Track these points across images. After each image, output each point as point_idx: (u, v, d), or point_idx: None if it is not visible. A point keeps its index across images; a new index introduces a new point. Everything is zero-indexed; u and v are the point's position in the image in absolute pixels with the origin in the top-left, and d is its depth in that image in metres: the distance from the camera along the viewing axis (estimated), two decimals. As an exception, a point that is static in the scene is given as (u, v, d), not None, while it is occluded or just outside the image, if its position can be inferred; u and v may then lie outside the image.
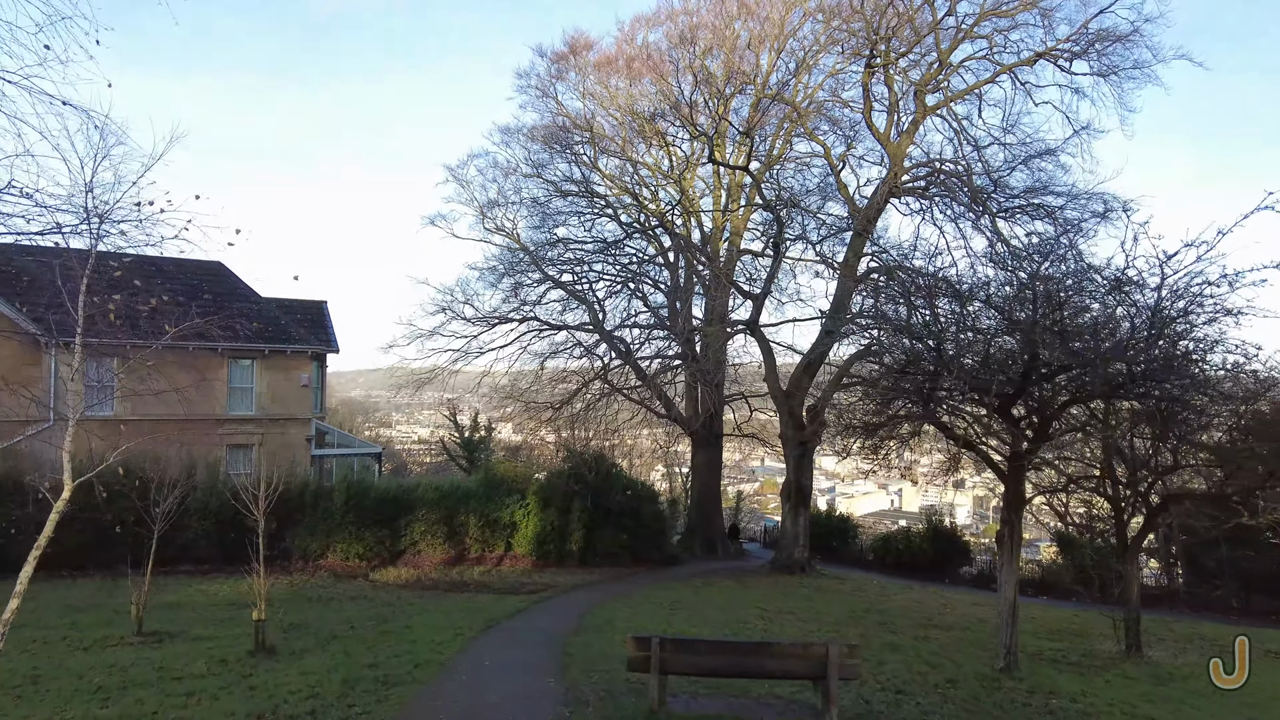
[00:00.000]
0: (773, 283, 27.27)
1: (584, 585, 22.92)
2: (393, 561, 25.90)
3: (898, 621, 18.56)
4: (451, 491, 27.42)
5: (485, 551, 27.56)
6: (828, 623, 17.40)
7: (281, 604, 18.22)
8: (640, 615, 16.50)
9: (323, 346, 31.52)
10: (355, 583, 22.76)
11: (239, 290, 30.76)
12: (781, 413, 27.79)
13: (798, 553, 28.26)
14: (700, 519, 33.93)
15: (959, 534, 32.91)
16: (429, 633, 14.12)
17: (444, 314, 29.73)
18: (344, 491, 25.74)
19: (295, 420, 29.74)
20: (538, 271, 31.02)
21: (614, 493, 28.70)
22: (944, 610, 21.39)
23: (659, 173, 29.79)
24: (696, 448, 34.43)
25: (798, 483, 27.76)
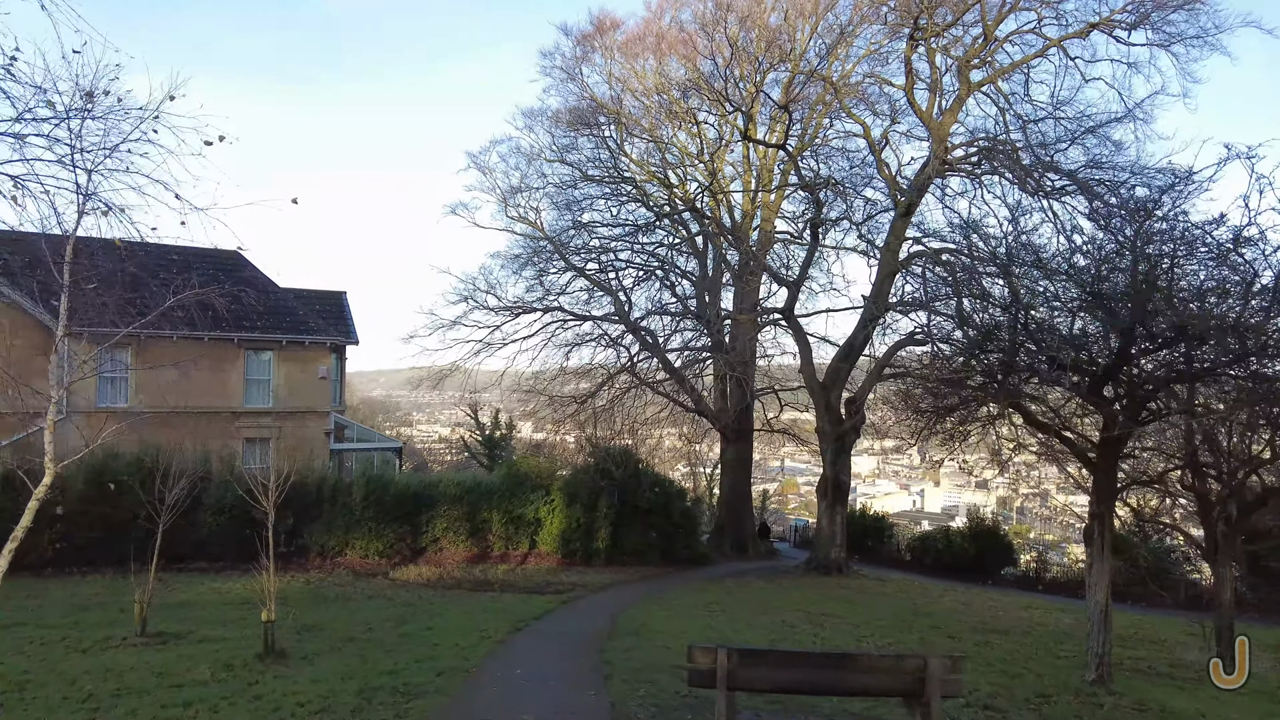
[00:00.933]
0: (809, 268, 25.98)
1: (612, 585, 21.80)
2: (413, 559, 24.93)
3: (951, 625, 17.29)
4: (474, 487, 26.41)
5: (509, 549, 26.52)
6: (877, 626, 16.16)
7: (296, 603, 17.26)
8: (677, 618, 15.35)
9: (342, 338, 30.65)
10: (374, 581, 21.79)
11: (256, 280, 29.90)
12: (818, 405, 26.52)
13: (834, 552, 26.99)
14: (730, 517, 32.72)
15: (1001, 532, 31.40)
16: (452, 636, 13.05)
17: (466, 303, 28.80)
18: (363, 486, 24.79)
19: (313, 413, 28.88)
20: (561, 260, 29.97)
21: (642, 489, 27.58)
22: (996, 613, 20.07)
23: (688, 155, 28.61)
24: (726, 443, 33.22)
25: (835, 479, 26.48)
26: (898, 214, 25.43)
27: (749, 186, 29.00)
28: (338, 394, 31.38)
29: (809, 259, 25.06)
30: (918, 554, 33.21)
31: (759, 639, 13.42)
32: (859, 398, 25.81)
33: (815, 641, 13.50)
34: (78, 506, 21.67)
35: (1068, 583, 28.37)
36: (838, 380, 26.59)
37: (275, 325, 28.43)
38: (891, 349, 25.73)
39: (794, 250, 31.07)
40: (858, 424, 26.08)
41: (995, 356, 11.14)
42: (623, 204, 30.08)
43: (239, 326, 27.82)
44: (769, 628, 14.81)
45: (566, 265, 30.07)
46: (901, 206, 25.20)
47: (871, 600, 21.09)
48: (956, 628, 17.05)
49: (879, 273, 25.80)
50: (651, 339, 30.15)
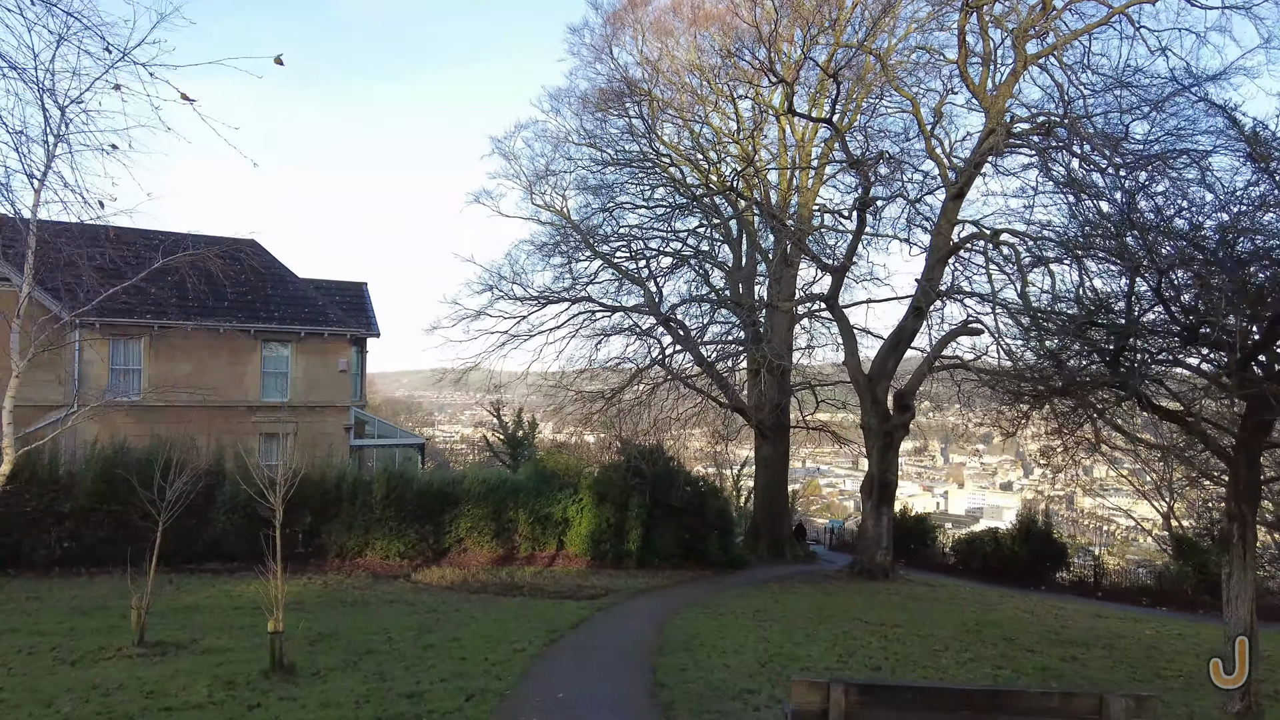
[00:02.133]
0: (854, 253, 24.39)
1: (648, 590, 20.39)
2: (436, 560, 23.69)
3: (1025, 637, 15.71)
4: (499, 485, 25.14)
5: (536, 550, 25.21)
6: (947, 638, 14.63)
7: (312, 608, 16.03)
8: (728, 628, 13.91)
9: (362, 330, 29.49)
10: (395, 584, 20.57)
11: (273, 270, 28.86)
12: (863, 400, 24.94)
13: (880, 556, 25.41)
14: (765, 518, 31.21)
15: (1055, 534, 29.63)
16: (481, 647, 11.71)
17: (490, 293, 27.50)
18: (384, 484, 23.59)
19: (332, 408, 27.74)
20: (588, 250, 28.59)
21: (675, 488, 26.16)
22: (1066, 623, 18.45)
23: (722, 136, 27.12)
24: (761, 440, 31.69)
25: (881, 478, 24.89)
26: (949, 195, 23.80)
27: (786, 165, 27.28)
28: (358, 388, 30.24)
29: (855, 242, 23.51)
30: (964, 557, 31.49)
31: (826, 654, 11.96)
32: (908, 391, 24.22)
33: (888, 657, 12.01)
34: (86, 504, 20.63)
35: (1128, 589, 26.60)
36: (884, 373, 24.99)
37: (293, 316, 27.32)
38: (944, 338, 24.15)
39: (832, 239, 29.50)
40: (907, 419, 24.48)
41: (1110, 331, 9.60)
42: (653, 189, 28.66)
43: (255, 317, 26.74)
44: (831, 640, 13.34)
45: (594, 254, 28.69)
46: (954, 187, 23.57)
47: (928, 608, 19.52)
48: (1032, 639, 15.48)
49: (929, 258, 24.19)
50: (683, 331, 28.70)
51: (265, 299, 27.56)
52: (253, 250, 29.39)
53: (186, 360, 25.80)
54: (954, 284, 24.38)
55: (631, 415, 29.40)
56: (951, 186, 23.65)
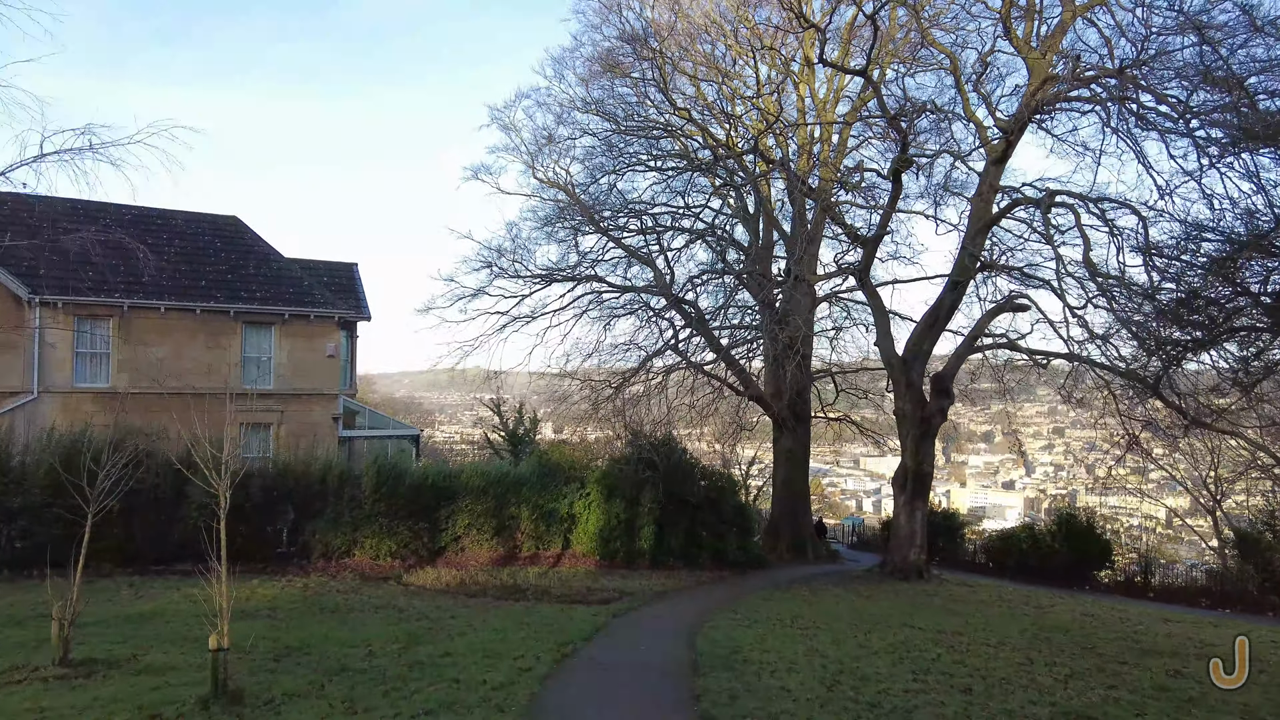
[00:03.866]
0: (889, 221, 22.25)
1: (665, 593, 18.35)
2: (431, 560, 21.67)
3: (1104, 645, 13.66)
4: (500, 479, 23.10)
5: (540, 549, 23.19)
6: (1017, 646, 12.60)
7: (285, 616, 13.98)
8: (769, 639, 11.86)
9: (352, 313, 27.43)
10: (385, 587, 18.53)
11: (256, 248, 26.83)
12: (897, 384, 22.88)
13: (913, 554, 23.36)
14: (785, 515, 29.16)
15: (1098, 530, 27.54)
16: (479, 665, 9.67)
17: (489, 270, 25.36)
18: (373, 477, 21.56)
19: (320, 396, 25.67)
20: (593, 227, 26.47)
21: (690, 482, 24.12)
22: (1138, 629, 16.39)
23: (741, 94, 24.93)
24: (780, 431, 29.61)
25: (916, 469, 22.83)
26: (990, 160, 21.73)
27: (816, 120, 24.89)
28: (348, 375, 28.17)
29: (889, 209, 21.39)
30: (997, 555, 29.43)
31: (895, 670, 9.90)
32: (947, 374, 22.15)
33: (971, 674, 9.96)
34: (40, 500, 18.56)
35: (1184, 589, 24.51)
36: (920, 354, 22.92)
37: (277, 296, 25.27)
38: (987, 315, 22.08)
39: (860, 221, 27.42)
40: (945, 405, 22.40)
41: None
42: (665, 159, 26.55)
43: (236, 297, 24.68)
44: (893, 652, 11.29)
45: (600, 232, 26.58)
46: (995, 151, 21.50)
47: (977, 611, 17.47)
48: (1113, 648, 13.44)
49: (969, 228, 22.12)
50: (696, 313, 26.60)
51: (247, 278, 25.52)
52: (235, 228, 27.43)
53: (160, 343, 23.75)
54: (996, 257, 22.34)
55: (640, 406, 27.31)
56: (993, 150, 21.58)
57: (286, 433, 24.97)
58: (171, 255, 25.21)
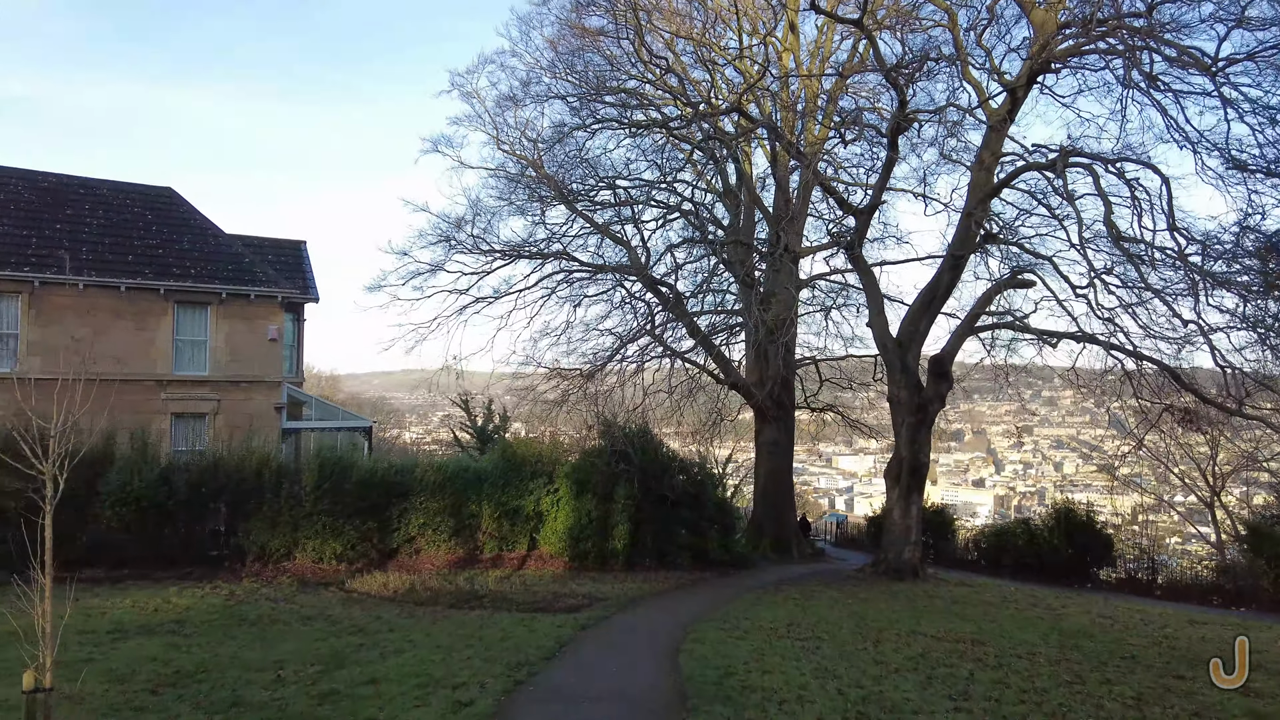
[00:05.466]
0: (884, 188, 20.41)
1: (642, 598, 16.40)
2: (382, 564, 19.57)
3: (1146, 654, 11.96)
4: (459, 474, 21.03)
5: (503, 550, 21.16)
6: (1050, 658, 10.85)
7: (194, 631, 11.81)
8: (767, 654, 9.95)
9: (298, 293, 25.15)
10: (324, 594, 16.43)
11: (192, 221, 24.44)
12: (891, 368, 21.12)
13: (908, 552, 21.64)
14: (768, 511, 27.37)
15: (1099, 525, 26.01)
16: (406, 698, 7.67)
17: (447, 245, 23.16)
18: (315, 471, 19.42)
19: (261, 384, 23.37)
20: (562, 202, 24.37)
21: (669, 476, 22.18)
22: (1164, 632, 14.74)
23: (723, 53, 22.90)
24: (762, 422, 27.80)
25: (912, 460, 21.10)
26: (991, 124, 20.04)
27: (803, 72, 22.86)
28: (294, 361, 25.89)
29: (885, 176, 19.59)
30: (991, 552, 27.81)
31: (927, 695, 8.05)
32: (945, 356, 20.42)
33: (1019, 697, 8.11)
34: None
35: (1192, 587, 23.02)
36: (916, 336, 21.17)
37: (214, 274, 22.94)
38: (989, 291, 20.41)
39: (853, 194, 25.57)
40: (944, 390, 20.67)
41: None
42: (639, 124, 24.54)
43: (166, 274, 22.32)
44: (916, 669, 9.44)
45: (569, 206, 24.50)
46: (998, 115, 19.80)
47: (986, 614, 15.74)
48: (1155, 657, 11.77)
49: (969, 199, 20.42)
50: (674, 295, 24.65)
51: (179, 254, 23.15)
52: (168, 200, 25.02)
53: (79, 324, 21.29)
54: (996, 232, 20.68)
55: (615, 396, 25.27)
56: (995, 114, 19.88)
57: (224, 424, 22.65)
58: (94, 227, 22.81)
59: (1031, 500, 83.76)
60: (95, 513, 17.45)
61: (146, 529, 17.95)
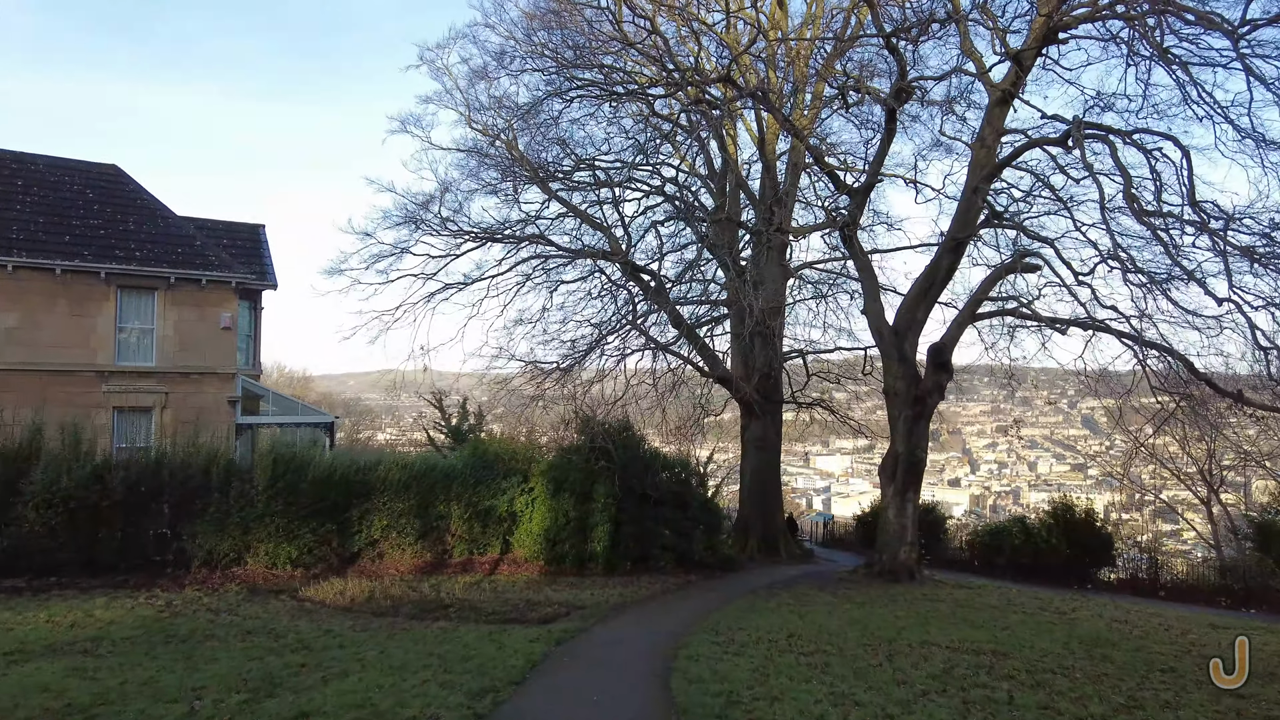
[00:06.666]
0: (881, 165, 19.17)
1: (624, 606, 15.03)
2: (342, 569, 18.08)
3: (1183, 666, 10.77)
4: (426, 472, 19.59)
5: (474, 554, 19.74)
6: (1083, 672, 9.61)
7: (112, 649, 10.28)
8: (773, 673, 8.63)
9: (254, 279, 23.47)
10: (274, 603, 14.89)
11: (139, 201, 22.72)
12: (888, 357, 19.93)
13: (904, 553, 20.48)
14: (755, 510, 26.11)
15: (1099, 523, 25.02)
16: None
17: (413, 226, 21.59)
18: (268, 468, 17.87)
19: (213, 375, 21.72)
20: (537, 184, 22.92)
21: (651, 474, 20.87)
22: (1188, 638, 13.64)
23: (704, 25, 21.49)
24: (749, 418, 26.55)
25: (909, 455, 19.92)
26: (993, 101, 18.93)
27: (780, 37, 21.50)
28: (251, 352, 24.24)
29: (882, 152, 18.39)
30: (985, 553, 26.78)
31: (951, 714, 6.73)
32: (946, 345, 19.25)
33: None
34: None
35: (1197, 587, 22.08)
36: (913, 324, 19.99)
37: (161, 257, 21.26)
38: (992, 276, 19.27)
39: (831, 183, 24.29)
40: (943, 380, 19.50)
41: None
42: (620, 100, 23.14)
43: (108, 256, 20.62)
44: (943, 690, 8.17)
45: (544, 188, 23.05)
46: (998, 91, 18.68)
47: (995, 620, 14.56)
48: (1189, 666, 10.63)
49: (968, 180, 19.27)
50: (656, 283, 23.31)
51: (124, 235, 21.45)
52: (113, 177, 23.27)
53: (9, 309, 19.60)
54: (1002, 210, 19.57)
55: (593, 393, 23.84)
56: (996, 89, 18.75)
57: (172, 418, 20.99)
58: (28, 205, 21.03)
59: (1007, 500, 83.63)
60: (18, 515, 15.77)
61: (78, 532, 16.27)
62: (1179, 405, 16.98)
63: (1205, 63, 16.16)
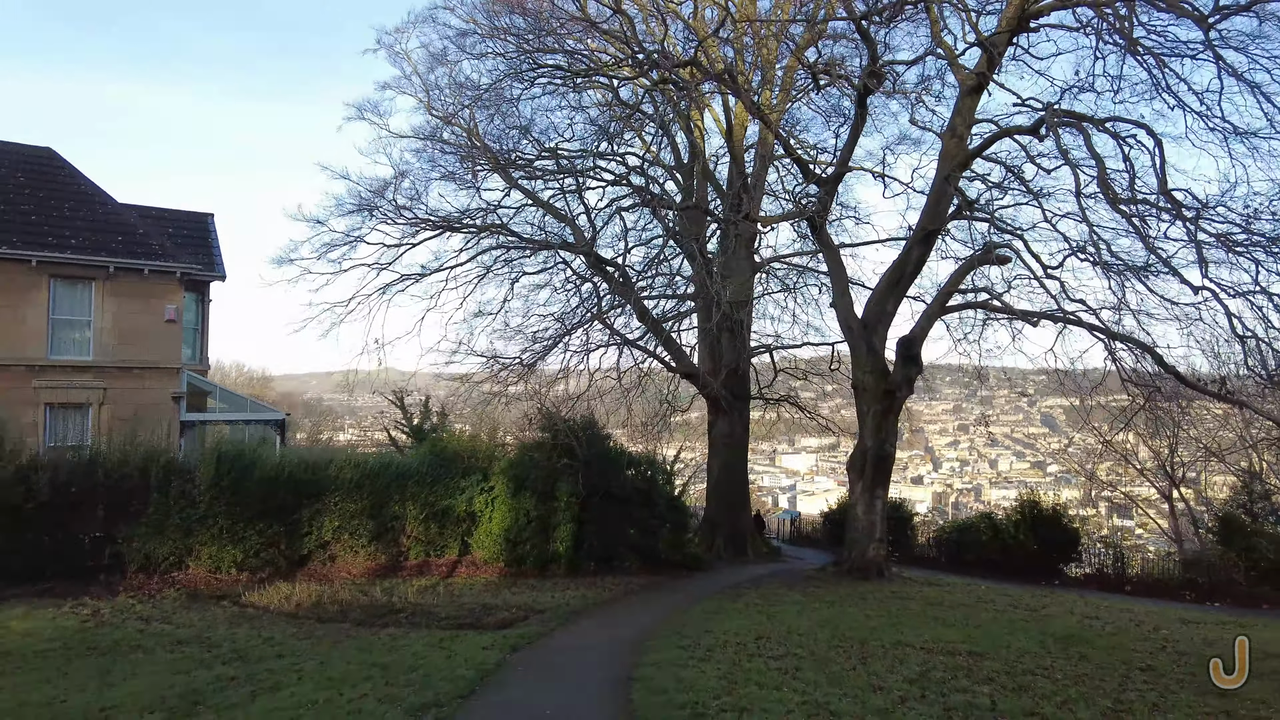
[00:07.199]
0: (851, 154, 18.74)
1: (586, 609, 14.40)
2: (291, 573, 17.23)
3: (1162, 664, 10.50)
4: (380, 470, 18.76)
5: (431, 555, 18.97)
6: (1063, 671, 9.23)
7: (21, 664, 9.39)
8: (741, 680, 8.09)
9: (202, 269, 22.42)
10: (214, 610, 14.06)
11: (76, 186, 21.54)
12: (856, 351, 19.55)
13: (873, 550, 20.11)
14: (722, 508, 25.61)
15: (1066, 518, 24.93)
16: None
17: (368, 214, 20.68)
18: (212, 467, 16.94)
19: (156, 370, 20.64)
20: (498, 172, 22.13)
21: (617, 471, 20.25)
22: (1160, 634, 13.40)
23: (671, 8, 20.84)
24: (715, 414, 26.06)
25: (877, 450, 19.56)
26: (964, 90, 18.62)
27: (750, 19, 20.87)
28: (198, 346, 23.15)
29: (852, 140, 17.99)
30: (951, 549, 26.63)
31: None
32: (915, 338, 18.90)
33: None
34: None
35: (1163, 581, 22.04)
36: (883, 317, 19.62)
37: (100, 245, 20.13)
38: (962, 268, 18.98)
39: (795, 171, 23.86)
40: (913, 374, 19.15)
41: None
42: (585, 81, 22.40)
43: (40, 243, 19.45)
44: (922, 696, 7.70)
45: (504, 176, 22.27)
46: (970, 80, 18.37)
47: (967, 618, 14.21)
48: (1167, 663, 10.33)
49: (938, 170, 18.95)
50: (622, 276, 22.68)
51: (59, 221, 20.29)
52: (47, 160, 22.05)
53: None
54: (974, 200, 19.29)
55: (557, 389, 23.14)
56: (968, 78, 18.44)
57: (111, 415, 19.87)
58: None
59: (969, 497, 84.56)
60: None
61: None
62: (1148, 399, 16.79)
63: (1175, 54, 16.01)
